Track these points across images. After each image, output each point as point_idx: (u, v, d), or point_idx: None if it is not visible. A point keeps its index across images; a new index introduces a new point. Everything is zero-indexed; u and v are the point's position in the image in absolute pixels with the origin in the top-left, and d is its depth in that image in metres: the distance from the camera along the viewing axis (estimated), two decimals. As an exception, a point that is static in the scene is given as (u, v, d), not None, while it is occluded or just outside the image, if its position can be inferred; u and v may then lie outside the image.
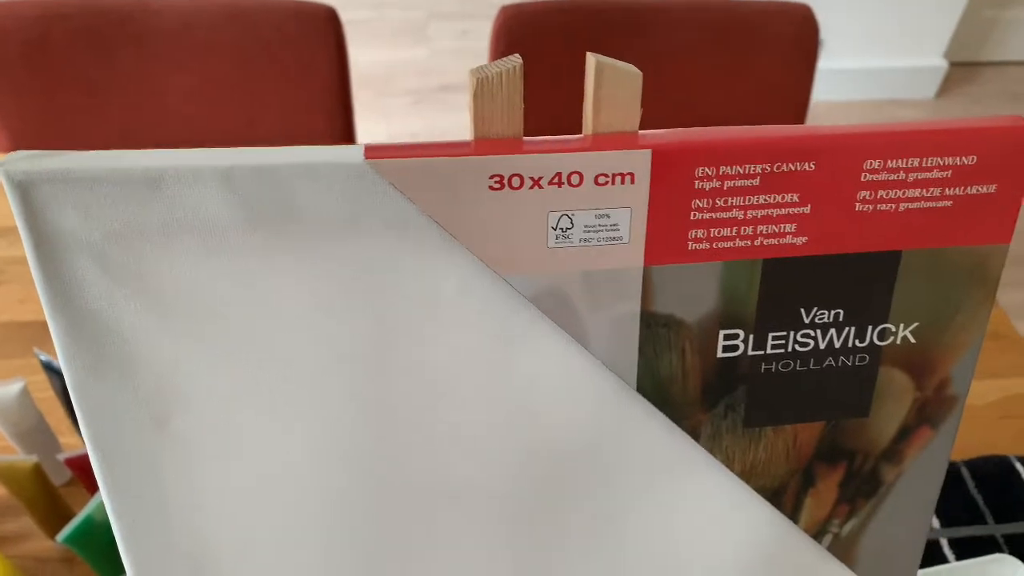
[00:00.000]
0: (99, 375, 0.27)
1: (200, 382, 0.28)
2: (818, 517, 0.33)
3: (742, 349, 0.29)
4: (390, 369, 0.28)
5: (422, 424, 0.29)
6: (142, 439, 0.28)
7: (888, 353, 0.30)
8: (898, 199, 0.27)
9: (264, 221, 0.25)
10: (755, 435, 0.31)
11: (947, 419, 0.32)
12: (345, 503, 0.30)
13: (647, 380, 0.29)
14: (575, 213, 0.26)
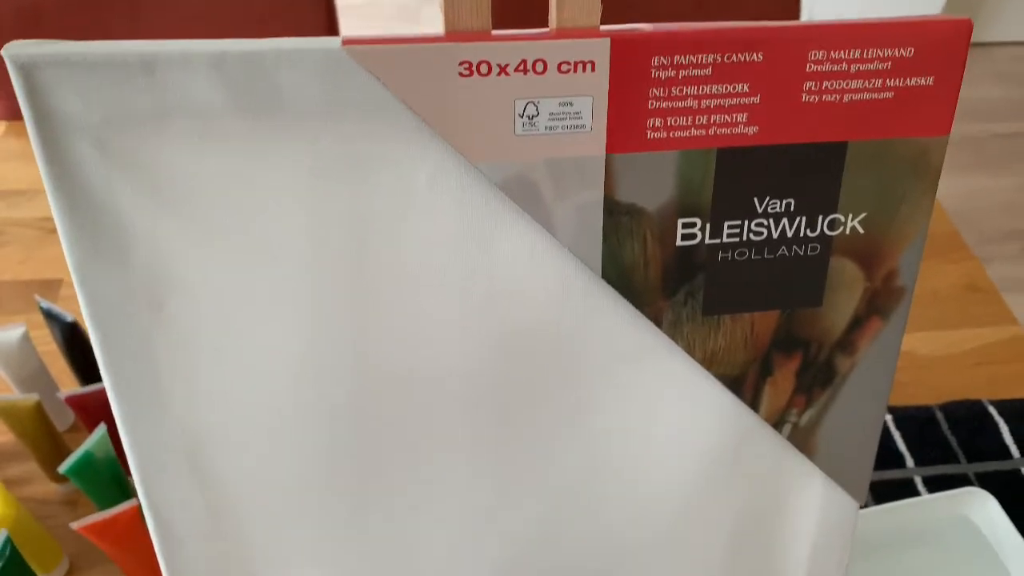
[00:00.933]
0: (98, 257, 0.29)
1: (192, 266, 0.30)
2: (777, 406, 0.35)
3: (699, 237, 0.31)
4: (370, 257, 0.30)
5: (400, 310, 0.31)
6: (139, 322, 0.30)
7: (838, 243, 0.32)
8: (842, 90, 0.29)
9: (251, 108, 0.27)
10: (714, 323, 0.33)
11: (896, 310, 0.34)
12: (332, 389, 0.32)
13: (611, 268, 0.31)
14: (540, 101, 0.28)
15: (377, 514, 0.35)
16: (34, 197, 0.88)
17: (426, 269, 0.31)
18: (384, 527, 0.36)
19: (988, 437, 0.72)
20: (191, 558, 0.35)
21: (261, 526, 0.35)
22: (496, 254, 0.31)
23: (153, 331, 0.30)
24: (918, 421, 0.72)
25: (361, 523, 0.35)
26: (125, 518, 0.53)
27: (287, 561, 0.36)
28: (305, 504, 0.35)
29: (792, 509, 0.38)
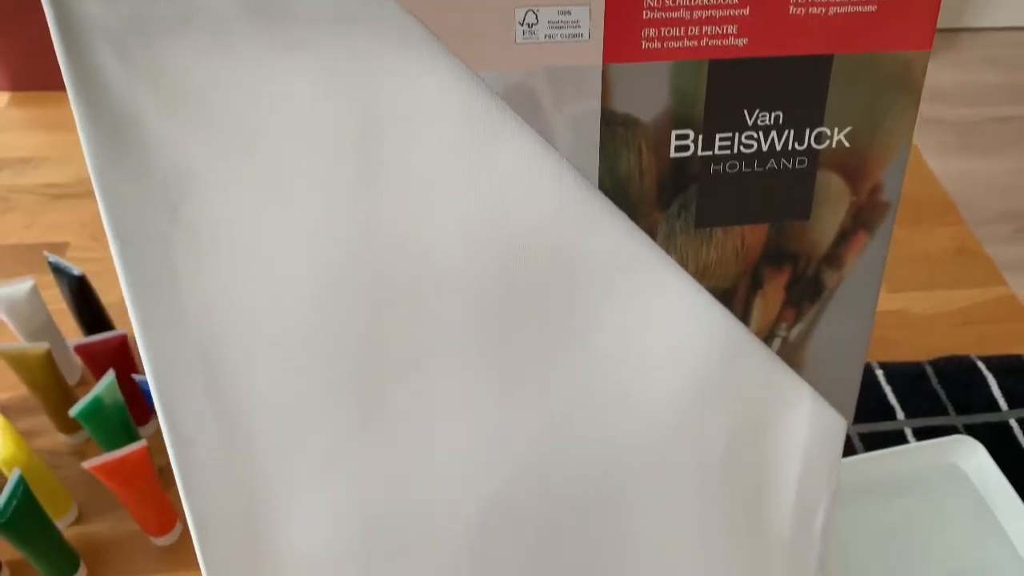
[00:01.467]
0: (118, 162, 0.30)
1: (208, 174, 0.31)
2: (767, 320, 0.37)
3: (692, 149, 0.33)
4: (378, 166, 0.32)
5: (407, 217, 0.32)
6: (157, 228, 0.31)
7: (825, 157, 0.34)
8: (827, 3, 0.31)
9: (264, 19, 0.29)
10: (706, 235, 0.34)
11: (881, 224, 0.35)
12: (343, 297, 0.33)
13: (608, 179, 0.33)
14: (539, 9, 0.29)
15: (386, 426, 0.37)
16: (39, 165, 0.89)
17: (432, 178, 0.32)
18: (392, 439, 0.37)
19: (977, 391, 0.74)
20: (206, 473, 0.37)
21: (274, 439, 0.36)
22: (498, 164, 0.32)
23: (171, 237, 0.32)
24: (909, 376, 0.74)
25: (370, 435, 0.37)
26: (134, 459, 0.54)
27: (299, 477, 0.37)
28: (315, 417, 0.36)
29: (782, 426, 0.40)
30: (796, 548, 0.43)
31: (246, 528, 0.38)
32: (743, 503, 0.41)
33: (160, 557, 0.63)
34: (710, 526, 0.41)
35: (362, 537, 0.39)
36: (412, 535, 0.39)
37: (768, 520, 0.42)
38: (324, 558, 0.39)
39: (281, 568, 0.39)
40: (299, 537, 0.38)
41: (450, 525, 0.39)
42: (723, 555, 0.42)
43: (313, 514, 0.38)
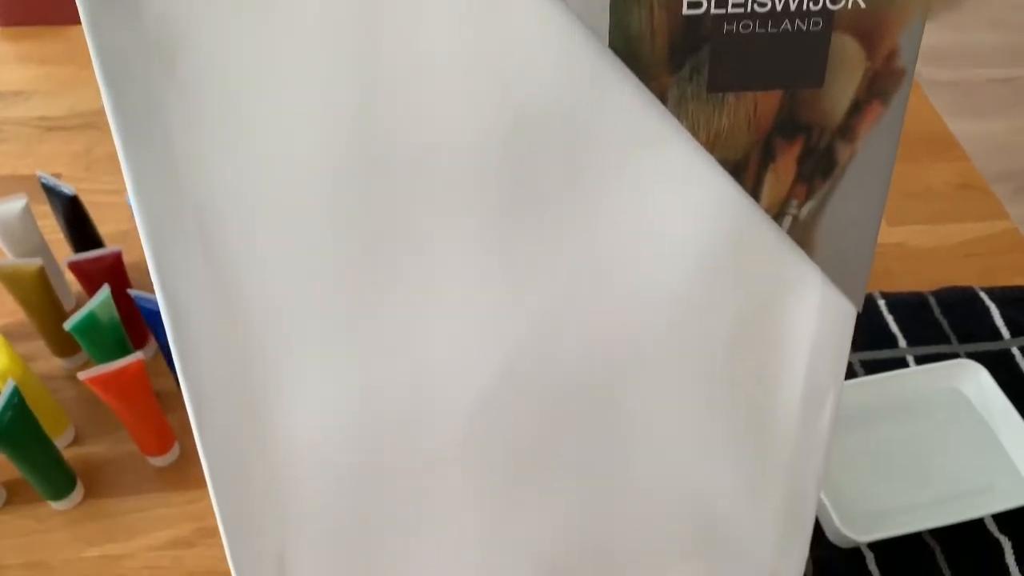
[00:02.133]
0: (112, 7, 0.29)
1: (205, 26, 0.30)
2: (778, 196, 0.36)
3: (705, 7, 0.32)
4: (381, 28, 0.31)
5: (410, 81, 0.31)
6: (151, 81, 0.30)
7: (840, 18, 0.33)
8: None
9: None
10: (718, 101, 0.33)
11: (896, 94, 0.34)
12: (342, 161, 0.33)
13: (618, 37, 0.32)
14: None
15: (387, 299, 0.36)
16: (31, 97, 0.87)
17: (436, 39, 0.31)
18: (395, 313, 0.36)
19: (980, 321, 0.73)
20: (203, 348, 0.36)
21: (274, 311, 0.35)
22: (506, 24, 0.31)
23: (165, 91, 0.31)
24: (911, 305, 0.74)
25: (372, 309, 0.36)
26: (131, 372, 0.54)
27: (299, 350, 0.37)
28: (313, 290, 0.35)
29: (791, 311, 0.39)
30: (802, 445, 0.43)
31: (244, 406, 0.37)
32: (748, 394, 0.41)
33: (158, 477, 0.62)
34: (714, 415, 0.41)
35: (362, 416, 0.38)
36: (413, 414, 0.38)
37: (774, 413, 0.41)
38: (324, 437, 0.38)
39: (280, 449, 0.38)
40: (299, 416, 0.38)
41: (452, 404, 0.38)
42: (727, 449, 0.42)
43: (314, 390, 0.37)
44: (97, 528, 0.59)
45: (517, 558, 0.45)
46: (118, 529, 0.59)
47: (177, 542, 0.58)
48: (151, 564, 0.57)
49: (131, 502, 0.60)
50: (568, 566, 0.46)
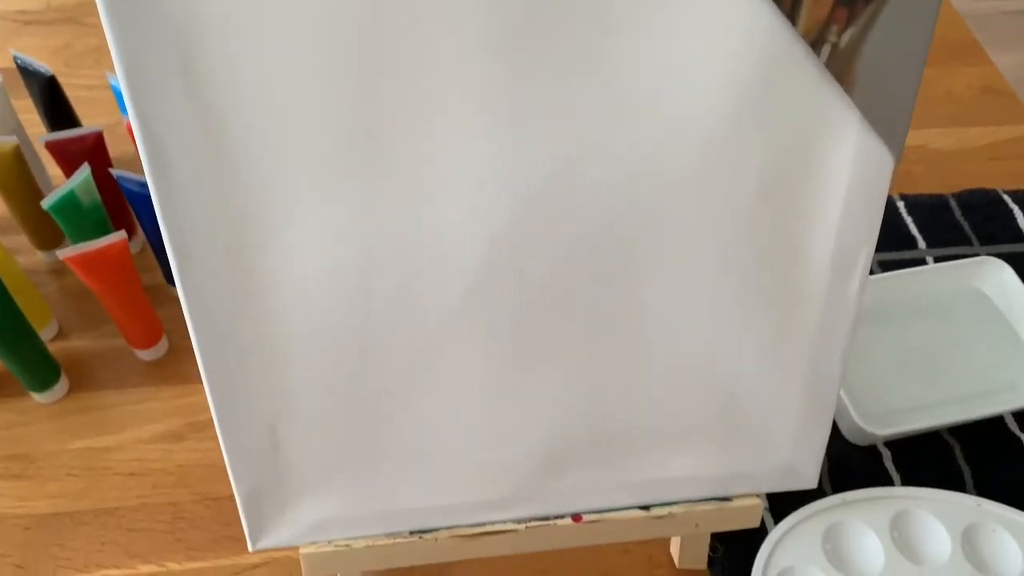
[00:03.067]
0: None
1: None
2: (817, 19, 0.32)
3: None
4: None
5: None
6: None
7: None
8: None
9: None
10: (756, -97, 0.30)
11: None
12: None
13: None
14: None
15: (383, 147, 0.33)
16: (8, -9, 0.83)
17: None
18: (394, 158, 0.33)
19: (1002, 223, 0.71)
20: (186, 188, 0.33)
21: (263, 149, 0.32)
22: None
23: None
24: (931, 207, 0.71)
25: (366, 156, 0.33)
26: (114, 250, 0.51)
27: (288, 201, 0.34)
28: (305, 127, 0.32)
29: (825, 159, 0.36)
30: (829, 314, 0.40)
31: (232, 257, 0.34)
32: (775, 254, 0.38)
33: (146, 372, 0.59)
34: (738, 277, 0.38)
35: (360, 272, 0.35)
36: (415, 272, 0.36)
37: (801, 276, 0.38)
38: (319, 294, 0.35)
39: (272, 308, 0.36)
40: (291, 269, 0.35)
41: (457, 262, 0.35)
42: (750, 315, 0.39)
43: (307, 240, 0.34)
44: (83, 421, 0.57)
45: (524, 438, 0.42)
46: (105, 423, 0.57)
47: (167, 436, 0.56)
48: (140, 457, 0.55)
49: (118, 396, 0.58)
50: (576, 449, 0.43)
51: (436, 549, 0.44)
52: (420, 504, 0.43)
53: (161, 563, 0.51)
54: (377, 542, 0.43)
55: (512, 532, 0.44)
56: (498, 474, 0.43)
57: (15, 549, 0.51)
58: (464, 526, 0.44)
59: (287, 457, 0.40)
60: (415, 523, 0.44)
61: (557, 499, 0.44)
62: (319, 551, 0.43)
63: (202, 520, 0.53)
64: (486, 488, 0.43)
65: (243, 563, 0.51)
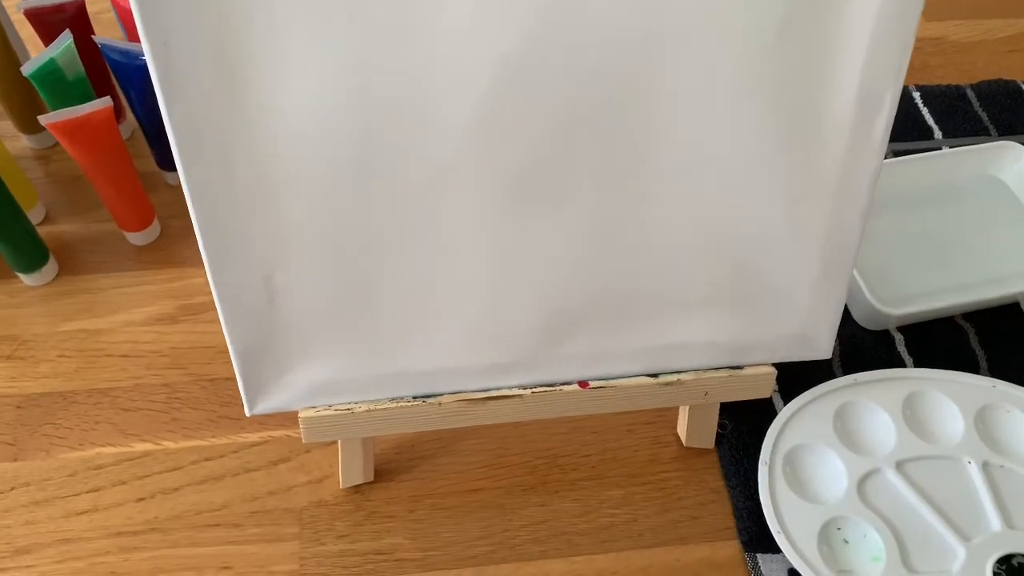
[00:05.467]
0: None
1: None
2: None
3: None
4: None
5: None
6: None
7: None
8: None
9: None
10: None
11: None
12: None
13: None
14: None
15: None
16: None
17: None
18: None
19: (1021, 113, 0.68)
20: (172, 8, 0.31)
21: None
22: None
23: None
24: (948, 97, 0.68)
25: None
26: (99, 117, 0.48)
27: (282, 21, 0.31)
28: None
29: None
30: (852, 159, 0.38)
31: (219, 79, 0.32)
32: (798, 89, 0.35)
33: (138, 256, 0.58)
34: (759, 116, 0.36)
35: (357, 102, 0.33)
36: (415, 107, 0.33)
37: (825, 114, 0.36)
38: (315, 125, 0.33)
39: (265, 139, 0.33)
40: (287, 98, 0.32)
41: (460, 93, 0.33)
42: (770, 157, 0.37)
43: (302, 66, 0.32)
44: (73, 304, 0.55)
45: (526, 298, 0.40)
46: (96, 305, 0.55)
47: (160, 318, 0.55)
48: (133, 339, 0.54)
49: (109, 280, 0.56)
50: (581, 312, 0.41)
51: (440, 414, 0.42)
52: (422, 367, 0.41)
53: (157, 441, 0.50)
54: (379, 406, 0.42)
55: (518, 397, 0.43)
56: (501, 337, 0.41)
57: (7, 427, 0.50)
58: (469, 391, 0.43)
59: (283, 310, 0.38)
60: (418, 387, 0.42)
61: (563, 365, 0.43)
62: (319, 415, 0.42)
63: (198, 400, 0.51)
64: (490, 352, 0.42)
65: (241, 441, 0.50)
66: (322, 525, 0.47)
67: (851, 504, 0.47)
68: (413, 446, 0.50)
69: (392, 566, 0.46)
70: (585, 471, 0.50)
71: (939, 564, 0.45)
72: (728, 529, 0.47)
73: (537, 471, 0.50)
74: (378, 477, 0.49)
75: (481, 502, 0.48)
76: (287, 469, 0.49)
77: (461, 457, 0.50)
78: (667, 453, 0.50)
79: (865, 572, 0.45)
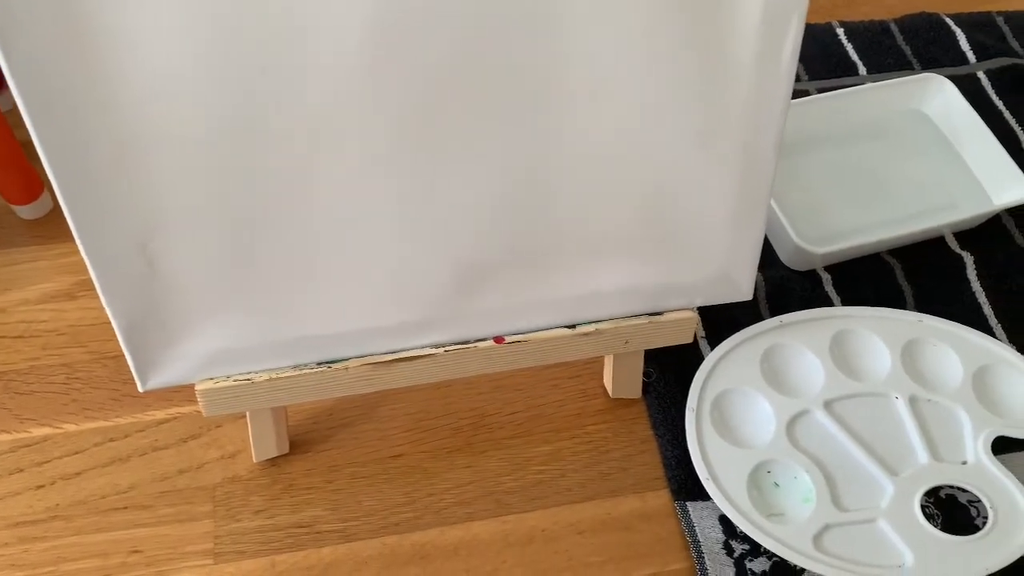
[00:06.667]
0: None
1: None
2: None
3: None
4: None
5: None
6: None
7: None
8: None
9: None
10: None
11: None
12: None
13: None
14: None
15: None
16: None
17: None
18: None
19: (944, 46, 0.67)
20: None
21: None
22: None
23: None
24: (871, 33, 0.67)
25: None
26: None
27: None
28: None
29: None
30: (760, 87, 0.36)
31: (60, 24, 0.29)
32: (700, 18, 0.33)
33: (28, 231, 0.54)
34: (664, 48, 0.34)
35: (218, 57, 0.30)
36: (286, 53, 0.30)
37: (729, 43, 0.34)
38: (177, 86, 0.30)
39: (125, 99, 0.30)
40: (142, 61, 0.29)
41: (330, 31, 0.30)
42: (677, 90, 0.35)
43: (153, 22, 0.29)
44: (-40, 285, 0.52)
45: (431, 248, 0.38)
46: (-14, 285, 0.52)
47: (56, 295, 0.51)
48: (28, 319, 0.50)
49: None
50: (492, 263, 0.39)
51: (348, 379, 0.40)
52: (325, 330, 0.39)
53: (56, 425, 0.47)
54: (281, 375, 0.40)
55: (429, 357, 0.41)
56: (409, 294, 0.39)
57: None
58: (378, 354, 0.41)
59: (165, 278, 0.35)
60: (323, 352, 0.40)
61: (477, 320, 0.41)
62: (217, 386, 0.39)
63: (99, 379, 0.48)
64: (397, 310, 0.40)
65: (148, 419, 0.47)
66: (237, 501, 0.45)
67: (780, 447, 0.47)
68: (331, 414, 0.48)
69: (312, 539, 0.44)
70: (511, 429, 0.48)
71: (868, 501, 0.45)
72: (658, 479, 0.46)
73: (462, 432, 0.48)
74: (295, 448, 0.47)
75: (404, 467, 0.46)
76: (197, 445, 0.47)
77: (382, 423, 0.48)
78: (594, 406, 0.49)
79: (796, 514, 0.45)
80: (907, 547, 0.43)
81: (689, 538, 0.44)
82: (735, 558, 0.44)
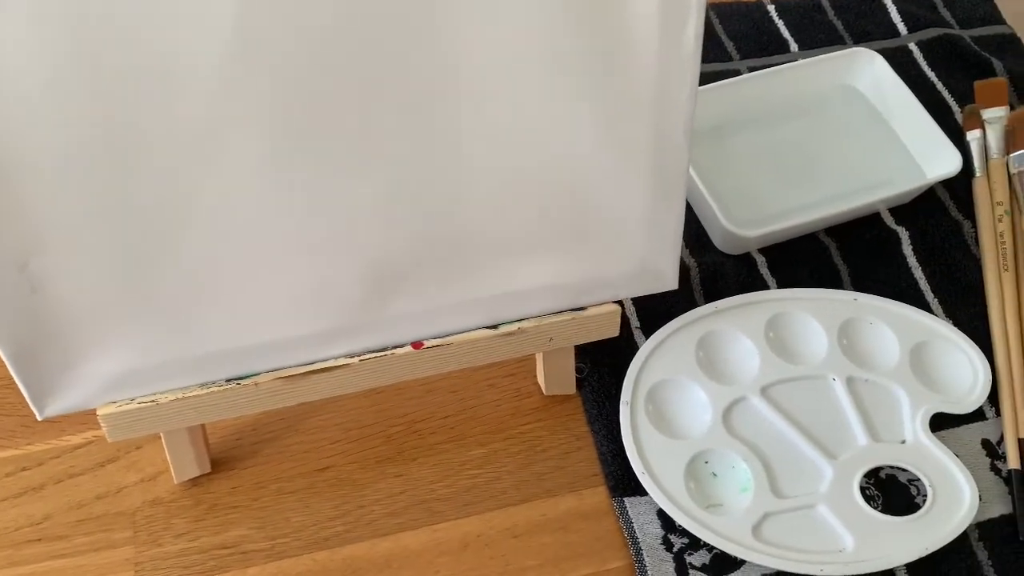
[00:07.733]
0: None
1: None
2: None
3: None
4: None
5: None
6: None
7: None
8: None
9: None
10: None
11: None
12: None
13: None
14: None
15: None
16: None
17: None
18: None
19: (875, 18, 0.67)
20: None
21: None
22: None
23: None
24: (802, 8, 0.66)
25: None
26: None
27: None
28: None
29: None
30: (666, 72, 0.35)
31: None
32: (597, 8, 0.32)
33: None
34: (562, 41, 0.32)
35: (81, 57, 0.28)
36: (147, 58, 0.28)
37: (629, 31, 0.33)
38: (35, 91, 0.28)
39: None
40: None
41: (205, 37, 0.29)
42: (580, 83, 0.34)
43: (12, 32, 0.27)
44: None
45: (335, 253, 0.36)
46: None
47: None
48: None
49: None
50: (403, 266, 0.38)
51: (259, 395, 0.39)
52: (231, 345, 0.37)
53: (-35, 456, 0.45)
54: (188, 394, 0.38)
55: (345, 367, 0.39)
56: (318, 302, 0.38)
57: None
58: (290, 367, 0.39)
59: (51, 300, 0.34)
60: (232, 368, 0.38)
61: (392, 326, 0.40)
62: (120, 410, 0.37)
63: (10, 405, 0.46)
64: (305, 321, 0.38)
65: (63, 445, 0.45)
66: (158, 525, 0.43)
67: (717, 436, 0.46)
68: (255, 429, 0.46)
69: (238, 559, 0.42)
70: (444, 434, 0.47)
71: (808, 486, 0.44)
72: (595, 476, 0.45)
73: (393, 440, 0.47)
74: (217, 467, 0.45)
75: (332, 480, 0.45)
76: (116, 469, 0.45)
77: (310, 435, 0.46)
78: (529, 404, 0.48)
79: (734, 504, 0.44)
80: (847, 531, 0.43)
81: (627, 535, 0.43)
82: (674, 553, 0.43)
